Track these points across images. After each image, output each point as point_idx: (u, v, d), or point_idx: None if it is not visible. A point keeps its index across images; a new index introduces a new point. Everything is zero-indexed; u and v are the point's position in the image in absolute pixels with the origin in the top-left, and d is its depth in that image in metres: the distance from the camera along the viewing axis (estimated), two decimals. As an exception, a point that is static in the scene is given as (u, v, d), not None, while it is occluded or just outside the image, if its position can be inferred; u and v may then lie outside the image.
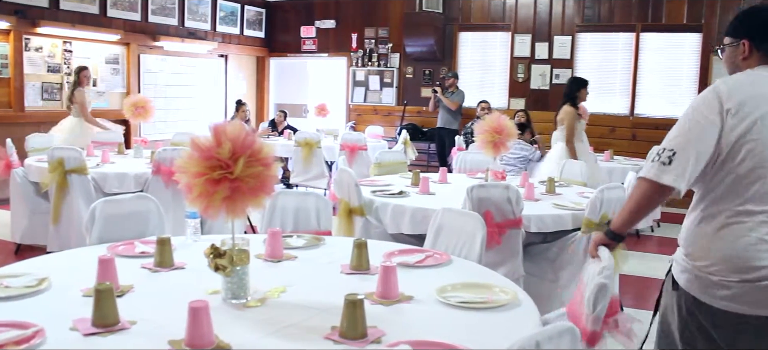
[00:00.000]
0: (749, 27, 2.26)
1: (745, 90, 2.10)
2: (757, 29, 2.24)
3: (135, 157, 6.39)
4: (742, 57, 2.25)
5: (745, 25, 2.29)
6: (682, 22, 9.76)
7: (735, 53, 2.28)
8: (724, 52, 2.34)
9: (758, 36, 2.23)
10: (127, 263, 2.64)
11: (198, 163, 2.10)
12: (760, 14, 2.28)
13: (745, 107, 2.05)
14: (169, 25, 10.44)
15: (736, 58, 2.28)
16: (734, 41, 2.29)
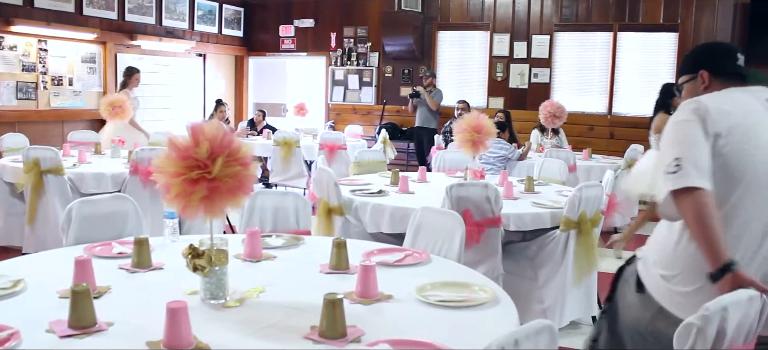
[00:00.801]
0: (705, 58, 2.37)
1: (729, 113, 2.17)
2: (712, 58, 2.36)
3: (112, 157, 6.33)
4: (702, 87, 2.33)
5: (701, 57, 2.40)
6: (659, 22, 9.86)
7: (695, 86, 2.36)
8: (681, 92, 2.44)
9: (715, 64, 2.34)
10: (105, 264, 2.62)
11: (176, 163, 2.09)
12: (711, 46, 2.47)
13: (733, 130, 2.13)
14: (146, 23, 10.36)
15: (696, 91, 2.34)
16: (692, 76, 2.39)
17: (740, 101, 2.19)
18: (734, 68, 2.33)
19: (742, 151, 2.10)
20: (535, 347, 1.57)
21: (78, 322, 1.93)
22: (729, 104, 2.17)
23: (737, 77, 2.32)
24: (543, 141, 8.33)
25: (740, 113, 2.14)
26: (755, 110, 2.17)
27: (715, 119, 2.10)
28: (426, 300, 2.24)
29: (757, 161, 2.10)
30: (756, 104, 2.19)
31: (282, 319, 2.08)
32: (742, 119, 2.13)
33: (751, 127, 2.13)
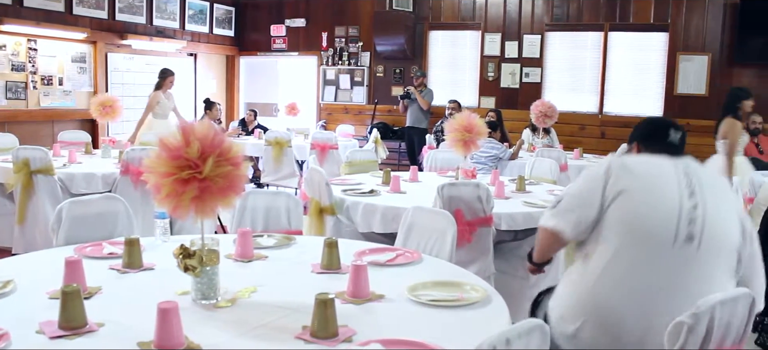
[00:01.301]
0: (639, 132, 2.63)
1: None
2: (644, 132, 2.61)
3: (103, 157, 6.30)
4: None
5: (636, 130, 2.65)
6: (649, 22, 9.89)
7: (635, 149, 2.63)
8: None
9: (645, 138, 2.58)
10: (95, 264, 2.61)
11: (166, 163, 2.08)
12: (649, 121, 2.70)
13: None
14: (136, 23, 10.32)
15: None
16: (630, 146, 2.65)
17: (654, 163, 2.41)
18: (662, 143, 2.49)
19: (638, 208, 2.29)
20: (526, 346, 1.57)
21: (68, 323, 1.92)
22: (640, 165, 2.41)
23: (667, 150, 2.47)
24: (534, 141, 8.35)
25: (647, 174, 2.36)
26: (665, 173, 2.35)
27: (620, 176, 2.35)
28: (418, 299, 2.24)
29: (649, 219, 2.27)
30: (669, 169, 2.36)
31: (273, 319, 2.07)
32: (647, 181, 2.34)
33: (654, 188, 2.32)
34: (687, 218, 2.24)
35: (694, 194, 2.29)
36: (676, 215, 2.24)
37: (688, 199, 2.27)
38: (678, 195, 2.28)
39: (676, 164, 2.38)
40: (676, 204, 2.26)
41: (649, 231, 2.25)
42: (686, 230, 2.23)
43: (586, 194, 2.40)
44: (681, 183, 2.31)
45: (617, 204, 2.31)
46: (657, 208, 2.27)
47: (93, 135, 8.62)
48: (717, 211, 2.29)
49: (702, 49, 9.64)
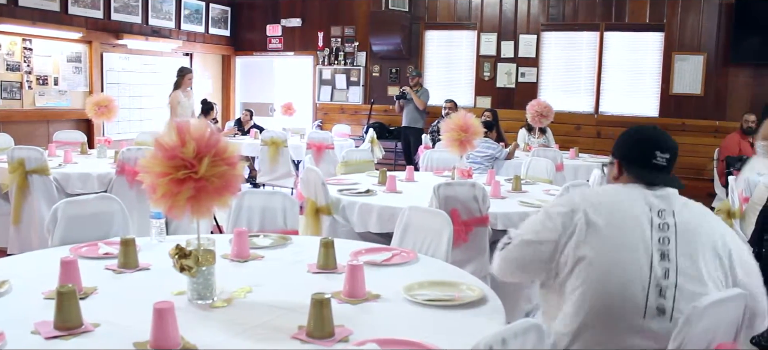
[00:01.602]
0: (622, 147, 2.34)
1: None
2: (628, 149, 2.31)
3: (98, 157, 6.29)
4: (612, 177, 2.35)
5: (620, 144, 2.36)
6: (645, 22, 9.91)
7: (611, 171, 2.38)
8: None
9: (629, 156, 2.30)
10: (91, 264, 2.60)
11: (162, 163, 2.08)
12: (636, 136, 2.34)
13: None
14: (132, 23, 10.30)
15: (609, 176, 2.40)
16: (612, 160, 2.38)
17: (624, 214, 2.14)
18: (648, 166, 2.24)
19: (601, 285, 2.06)
20: (522, 345, 1.57)
21: (64, 323, 1.92)
22: (607, 220, 2.13)
23: (651, 174, 2.23)
24: (530, 140, 8.35)
25: (614, 235, 2.10)
26: (636, 229, 2.10)
27: (582, 240, 2.11)
28: (414, 299, 2.24)
29: (612, 298, 2.04)
30: (642, 220, 2.12)
31: (270, 319, 2.07)
32: (613, 243, 2.09)
33: (620, 258, 2.07)
34: (656, 288, 2.03)
35: (667, 255, 2.06)
36: (644, 286, 2.03)
37: (659, 263, 2.04)
38: (647, 260, 2.05)
39: (652, 204, 2.13)
40: (645, 273, 2.04)
41: (613, 311, 2.05)
42: (656, 302, 2.02)
43: (538, 248, 2.20)
44: (653, 239, 2.07)
45: (577, 274, 2.09)
46: (623, 283, 2.04)
47: (88, 135, 8.59)
48: (693, 269, 2.06)
49: (697, 49, 9.66)
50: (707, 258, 2.09)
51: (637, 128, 2.38)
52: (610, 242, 2.08)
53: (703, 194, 8.85)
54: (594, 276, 2.07)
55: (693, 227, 2.12)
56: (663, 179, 2.22)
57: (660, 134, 2.30)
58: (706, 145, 9.45)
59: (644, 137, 2.31)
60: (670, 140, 2.29)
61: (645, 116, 9.99)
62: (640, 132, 2.35)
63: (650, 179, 2.22)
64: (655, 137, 2.29)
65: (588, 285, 2.07)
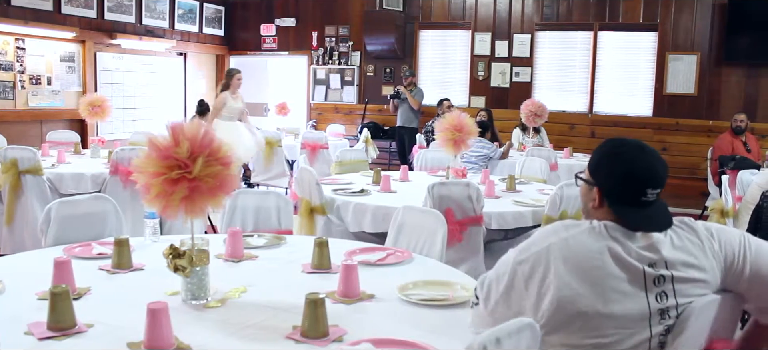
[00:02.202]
0: (605, 178, 1.95)
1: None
2: (613, 186, 1.93)
3: (92, 157, 6.28)
4: (591, 205, 1.99)
5: (600, 170, 1.98)
6: (639, 21, 9.93)
7: (588, 195, 2.01)
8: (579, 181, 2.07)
9: (611, 187, 1.93)
10: (84, 265, 2.60)
11: (156, 163, 2.08)
12: (617, 168, 1.93)
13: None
14: (126, 22, 10.28)
15: (587, 202, 2.02)
16: (590, 181, 2.00)
17: (588, 264, 1.81)
18: (635, 204, 1.90)
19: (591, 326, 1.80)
20: (516, 344, 1.57)
21: (57, 324, 1.91)
22: (578, 272, 1.80)
23: (640, 213, 1.88)
24: (524, 140, 8.36)
25: (597, 285, 1.80)
26: (624, 286, 1.80)
27: (555, 279, 1.80)
28: (408, 299, 2.25)
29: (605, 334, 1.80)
30: (600, 262, 1.81)
31: (264, 319, 2.07)
32: (600, 295, 1.79)
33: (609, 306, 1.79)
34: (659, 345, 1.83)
35: (667, 312, 1.82)
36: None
37: (659, 322, 1.82)
38: (646, 325, 1.81)
39: (642, 258, 1.82)
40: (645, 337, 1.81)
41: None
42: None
43: (506, 313, 1.88)
44: (650, 303, 1.81)
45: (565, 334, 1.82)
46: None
47: (82, 135, 8.57)
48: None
49: (691, 49, 9.68)
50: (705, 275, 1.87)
51: (622, 152, 1.95)
52: (600, 321, 1.80)
53: (696, 194, 8.89)
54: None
55: (684, 260, 1.85)
56: (653, 220, 1.88)
57: (650, 166, 1.91)
58: (699, 144, 9.48)
59: (633, 173, 1.91)
60: (661, 170, 1.92)
61: (639, 116, 10.01)
62: (628, 164, 1.92)
63: (638, 222, 1.87)
64: (645, 173, 1.91)
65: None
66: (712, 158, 8.11)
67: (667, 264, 1.83)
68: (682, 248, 1.86)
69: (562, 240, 1.85)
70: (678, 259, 1.84)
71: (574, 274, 1.80)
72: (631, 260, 1.82)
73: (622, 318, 1.79)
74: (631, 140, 1.97)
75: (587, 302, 1.78)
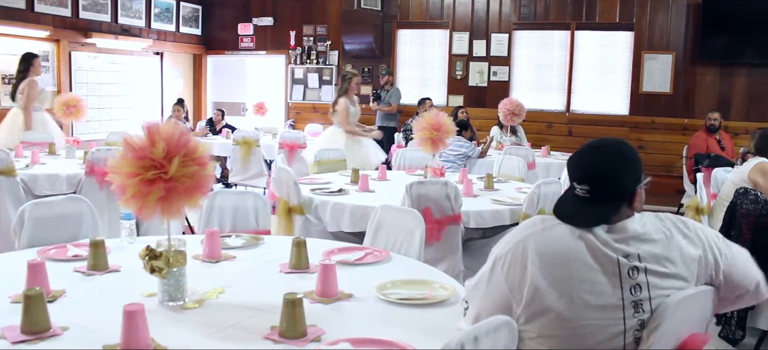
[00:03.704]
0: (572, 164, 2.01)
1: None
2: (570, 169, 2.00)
3: (67, 158, 6.20)
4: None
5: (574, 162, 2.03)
6: (615, 21, 10.02)
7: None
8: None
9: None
10: (59, 267, 2.57)
11: (131, 163, 2.06)
12: (593, 153, 1.96)
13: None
14: (101, 21, 10.17)
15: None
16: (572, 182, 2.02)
17: (563, 255, 1.84)
18: (573, 193, 1.94)
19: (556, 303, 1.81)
20: (494, 343, 1.58)
21: (31, 327, 1.89)
22: (553, 264, 1.83)
23: (571, 206, 1.92)
24: (502, 138, 8.40)
25: (570, 279, 1.82)
26: (580, 262, 1.83)
27: (533, 269, 1.82)
28: (386, 298, 2.25)
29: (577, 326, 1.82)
30: (574, 255, 1.84)
31: (242, 320, 2.06)
32: (563, 272, 1.82)
33: (571, 279, 1.82)
34: (634, 341, 1.84)
35: (641, 305, 1.82)
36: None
37: (633, 316, 1.83)
38: (620, 319, 1.82)
39: (616, 249, 1.84)
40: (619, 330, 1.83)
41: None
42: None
43: (491, 308, 1.90)
44: (624, 294, 1.82)
45: (540, 327, 1.84)
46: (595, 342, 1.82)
47: (57, 135, 8.45)
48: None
49: (666, 48, 9.79)
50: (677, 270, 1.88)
51: (588, 143, 2.00)
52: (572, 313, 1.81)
53: (672, 191, 8.99)
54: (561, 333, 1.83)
55: (658, 254, 1.86)
56: (571, 217, 1.89)
57: (577, 162, 1.97)
58: (675, 142, 9.58)
59: (568, 164, 1.99)
60: (588, 167, 1.93)
61: (615, 114, 10.10)
62: (577, 151, 2.00)
63: (558, 210, 1.93)
64: (573, 166, 1.97)
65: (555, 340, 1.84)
66: (688, 156, 8.21)
67: (640, 256, 1.84)
68: (657, 242, 1.87)
69: (539, 233, 1.88)
70: (652, 252, 1.86)
71: (550, 266, 1.83)
72: (605, 250, 1.83)
73: (596, 309, 1.81)
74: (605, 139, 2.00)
75: (562, 293, 1.81)
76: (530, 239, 1.87)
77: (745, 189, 4.32)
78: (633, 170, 1.92)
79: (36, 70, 7.66)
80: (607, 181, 1.89)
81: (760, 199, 4.21)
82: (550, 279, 1.81)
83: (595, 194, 1.89)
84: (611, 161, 1.91)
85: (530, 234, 1.88)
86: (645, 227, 1.88)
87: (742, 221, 4.23)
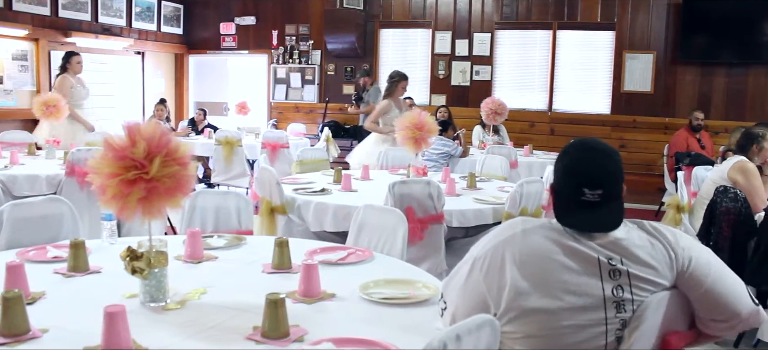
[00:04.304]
0: (554, 175, 2.03)
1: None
2: (556, 182, 2.00)
3: (47, 158, 6.14)
4: (547, 202, 2.10)
5: (554, 169, 2.03)
6: (597, 20, 10.08)
7: (550, 190, 2.06)
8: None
9: (556, 190, 2.00)
10: (39, 268, 2.54)
11: (112, 163, 2.04)
12: (561, 163, 2.00)
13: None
14: (81, 20, 10.08)
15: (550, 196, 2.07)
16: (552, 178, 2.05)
17: (542, 257, 1.85)
18: (575, 203, 1.91)
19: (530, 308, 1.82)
20: (476, 341, 1.58)
21: (9, 330, 1.87)
22: (533, 266, 1.84)
23: (578, 214, 1.90)
24: (485, 138, 8.42)
25: (538, 273, 1.83)
26: (553, 280, 1.83)
27: (511, 272, 1.84)
28: (369, 297, 2.24)
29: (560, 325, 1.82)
30: (555, 256, 1.85)
31: (224, 320, 2.05)
32: (537, 283, 1.82)
33: (544, 293, 1.82)
34: (615, 341, 1.84)
35: (622, 306, 1.83)
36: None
37: (615, 316, 1.83)
38: (602, 319, 1.83)
39: (600, 252, 1.84)
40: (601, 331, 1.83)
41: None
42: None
43: (469, 309, 1.89)
44: (606, 294, 1.82)
45: (519, 326, 1.84)
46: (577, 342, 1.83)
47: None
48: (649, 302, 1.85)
49: (647, 48, 9.87)
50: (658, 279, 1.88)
51: (569, 151, 2.00)
52: (536, 281, 1.83)
53: (653, 189, 9.06)
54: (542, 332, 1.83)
55: (641, 259, 1.86)
56: (589, 223, 1.88)
57: (585, 166, 1.93)
58: (656, 141, 9.66)
59: (569, 172, 1.96)
60: (599, 170, 1.92)
61: (597, 113, 10.17)
62: (568, 163, 1.97)
63: (572, 222, 1.89)
64: (581, 172, 1.93)
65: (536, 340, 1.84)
66: (669, 155, 8.27)
67: (622, 260, 1.85)
68: (641, 247, 1.87)
69: (519, 234, 1.89)
70: (635, 257, 1.86)
71: (531, 268, 1.84)
72: (586, 250, 1.84)
73: (578, 309, 1.81)
74: (588, 140, 2.01)
75: (544, 294, 1.81)
76: (510, 242, 1.88)
77: (724, 187, 4.37)
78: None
79: (73, 68, 7.77)
80: (616, 183, 1.93)
81: (740, 197, 4.26)
82: (531, 281, 1.82)
83: (606, 197, 1.90)
84: (617, 164, 1.95)
85: (511, 236, 1.89)
86: (628, 234, 1.89)
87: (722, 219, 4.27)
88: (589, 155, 1.95)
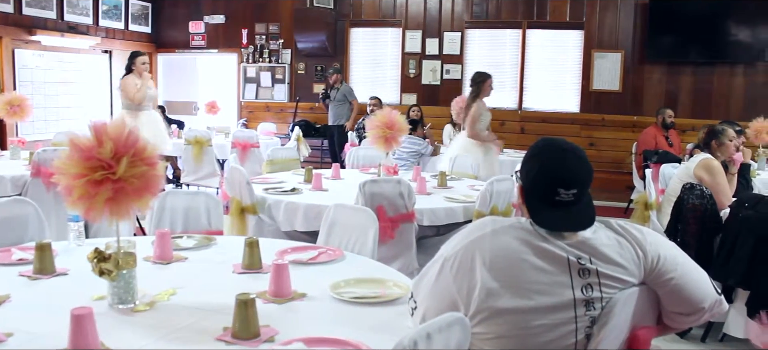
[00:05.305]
0: (525, 175, 2.00)
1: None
2: (528, 182, 1.98)
3: (11, 158, 6.04)
4: (519, 201, 2.06)
5: (524, 169, 2.01)
6: (565, 20, 10.17)
7: (519, 190, 2.05)
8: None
9: (527, 190, 1.98)
10: (3, 271, 2.50)
11: (78, 164, 2.01)
12: (534, 163, 1.98)
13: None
14: (46, 18, 9.91)
15: (518, 195, 2.08)
16: (518, 178, 2.05)
17: (512, 258, 1.85)
18: (548, 202, 1.92)
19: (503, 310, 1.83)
20: (447, 340, 1.59)
21: (-26, 333, 1.84)
22: (503, 266, 1.84)
23: (554, 214, 1.90)
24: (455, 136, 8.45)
25: (508, 273, 1.84)
26: (526, 280, 1.83)
27: (484, 276, 1.83)
28: (340, 297, 2.24)
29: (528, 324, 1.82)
30: (525, 256, 1.85)
31: (194, 321, 2.04)
32: (507, 284, 1.83)
33: (516, 293, 1.82)
34: (584, 339, 1.86)
35: (592, 303, 1.85)
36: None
37: (584, 314, 1.85)
38: (572, 318, 1.84)
39: (569, 252, 1.86)
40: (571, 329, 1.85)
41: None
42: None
43: (439, 308, 1.88)
44: (575, 293, 1.84)
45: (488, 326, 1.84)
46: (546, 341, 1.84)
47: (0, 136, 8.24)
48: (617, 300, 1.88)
49: (615, 47, 9.98)
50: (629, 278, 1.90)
51: (541, 151, 1.99)
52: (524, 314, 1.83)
53: (622, 187, 9.17)
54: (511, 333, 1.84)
55: (610, 258, 1.88)
56: (564, 222, 1.89)
57: (560, 166, 1.93)
58: (624, 139, 9.77)
59: (544, 172, 1.94)
60: (574, 170, 1.93)
61: (567, 112, 10.26)
62: (541, 162, 1.96)
63: (547, 222, 1.90)
64: (556, 172, 1.92)
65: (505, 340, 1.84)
66: (637, 153, 8.38)
67: (591, 259, 1.87)
68: (609, 246, 1.89)
69: (489, 234, 1.89)
70: (604, 255, 1.88)
71: (501, 268, 1.84)
72: (556, 250, 1.85)
73: (549, 308, 1.82)
74: (556, 140, 2.01)
75: (512, 295, 1.82)
76: (480, 242, 1.88)
77: (691, 185, 4.43)
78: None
79: (138, 68, 7.59)
80: (588, 182, 1.95)
81: (706, 194, 4.33)
82: (501, 282, 1.83)
83: (580, 195, 1.91)
84: (588, 163, 1.97)
85: (480, 237, 1.90)
86: (596, 233, 1.91)
87: (688, 216, 4.34)
88: (563, 156, 1.95)
